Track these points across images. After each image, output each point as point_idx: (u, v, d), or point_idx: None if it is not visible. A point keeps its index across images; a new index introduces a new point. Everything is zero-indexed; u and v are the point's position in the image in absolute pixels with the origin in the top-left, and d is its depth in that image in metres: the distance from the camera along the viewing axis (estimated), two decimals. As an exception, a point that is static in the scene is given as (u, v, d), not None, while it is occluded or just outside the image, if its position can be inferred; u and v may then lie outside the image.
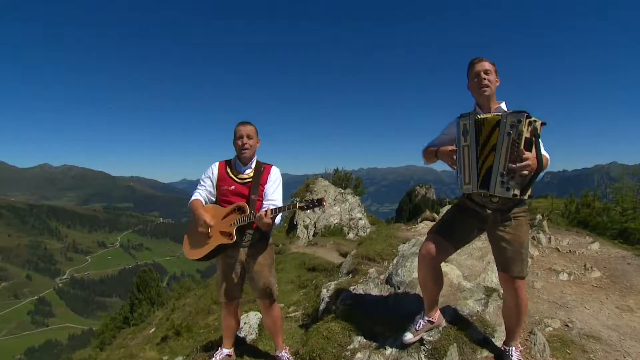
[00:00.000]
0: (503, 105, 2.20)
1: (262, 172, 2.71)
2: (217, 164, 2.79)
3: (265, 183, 2.68)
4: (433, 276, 2.29)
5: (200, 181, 2.80)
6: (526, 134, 1.89)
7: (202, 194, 2.78)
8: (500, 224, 2.17)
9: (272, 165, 2.78)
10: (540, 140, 1.93)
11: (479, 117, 2.07)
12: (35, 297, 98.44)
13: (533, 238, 5.16)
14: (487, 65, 2.14)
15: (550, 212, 7.41)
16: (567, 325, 3.08)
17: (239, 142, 2.67)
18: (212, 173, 2.76)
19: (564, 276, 4.16)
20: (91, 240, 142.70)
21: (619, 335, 3.01)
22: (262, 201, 2.66)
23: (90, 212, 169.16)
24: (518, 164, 1.89)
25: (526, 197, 2.02)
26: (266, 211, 2.42)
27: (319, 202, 2.35)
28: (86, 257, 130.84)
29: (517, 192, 1.92)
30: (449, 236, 2.27)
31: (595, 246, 5.30)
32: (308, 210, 2.60)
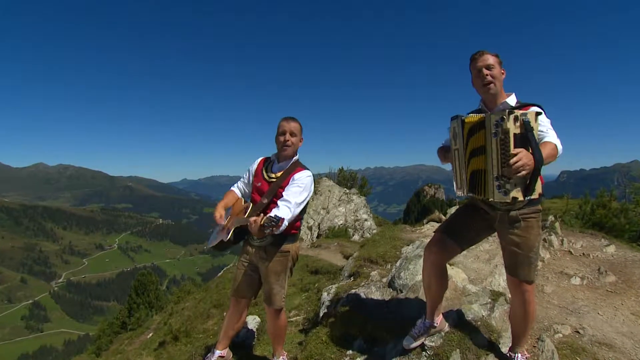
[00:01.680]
0: (511, 99, 2.14)
1: (289, 174, 2.65)
2: (259, 158, 2.87)
3: (287, 185, 2.61)
4: (438, 276, 2.30)
5: (243, 174, 2.93)
6: (514, 130, 1.80)
7: (240, 186, 2.92)
8: (509, 225, 2.14)
9: (304, 168, 2.70)
10: (535, 134, 1.84)
11: (464, 118, 2.04)
12: (30, 302, 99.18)
13: (544, 240, 5.15)
14: (489, 59, 2.08)
15: (563, 213, 7.36)
16: (578, 332, 3.06)
17: (281, 139, 2.66)
18: (252, 167, 2.85)
19: (576, 280, 4.14)
20: (88, 242, 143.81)
21: (634, 342, 2.99)
22: (276, 204, 2.62)
23: (87, 213, 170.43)
24: (512, 166, 1.78)
25: (536, 196, 1.93)
26: (256, 219, 2.32)
27: (276, 221, 2.23)
28: (83, 259, 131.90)
29: (518, 194, 1.85)
30: (456, 236, 2.27)
31: (611, 249, 5.27)
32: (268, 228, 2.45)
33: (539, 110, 1.98)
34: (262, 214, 2.42)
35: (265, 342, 3.62)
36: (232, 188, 2.93)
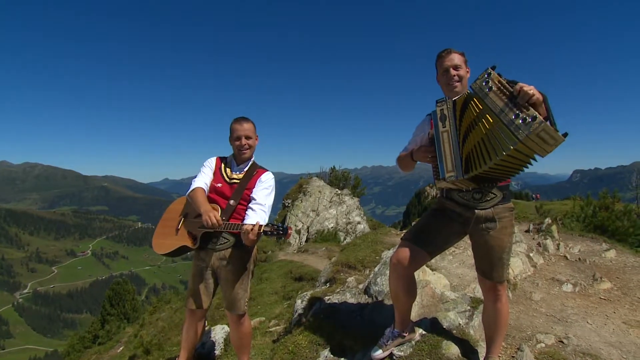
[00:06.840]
0: None
1: (252, 176, 2.82)
2: (214, 158, 2.97)
3: (253, 187, 2.78)
4: (405, 287, 2.38)
5: (202, 170, 2.94)
6: (502, 79, 1.93)
7: (207, 182, 2.88)
8: (485, 226, 2.25)
9: (266, 170, 2.89)
10: None
11: (455, 99, 2.17)
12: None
13: (539, 244, 5.27)
14: (455, 59, 2.27)
15: (563, 216, 7.51)
16: (562, 342, 3.16)
17: (237, 143, 2.81)
18: (210, 165, 2.93)
19: (568, 287, 4.26)
20: (58, 249, 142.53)
21: (621, 353, 3.08)
22: (245, 207, 2.75)
23: (57, 216, 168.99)
24: (520, 92, 1.83)
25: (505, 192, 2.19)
26: (253, 226, 2.43)
27: (284, 231, 2.39)
28: (52, 267, 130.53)
29: (540, 116, 1.83)
30: (424, 243, 2.34)
31: (611, 254, 5.40)
32: (271, 237, 2.57)
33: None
34: (257, 222, 2.49)
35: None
36: (199, 186, 2.81)
